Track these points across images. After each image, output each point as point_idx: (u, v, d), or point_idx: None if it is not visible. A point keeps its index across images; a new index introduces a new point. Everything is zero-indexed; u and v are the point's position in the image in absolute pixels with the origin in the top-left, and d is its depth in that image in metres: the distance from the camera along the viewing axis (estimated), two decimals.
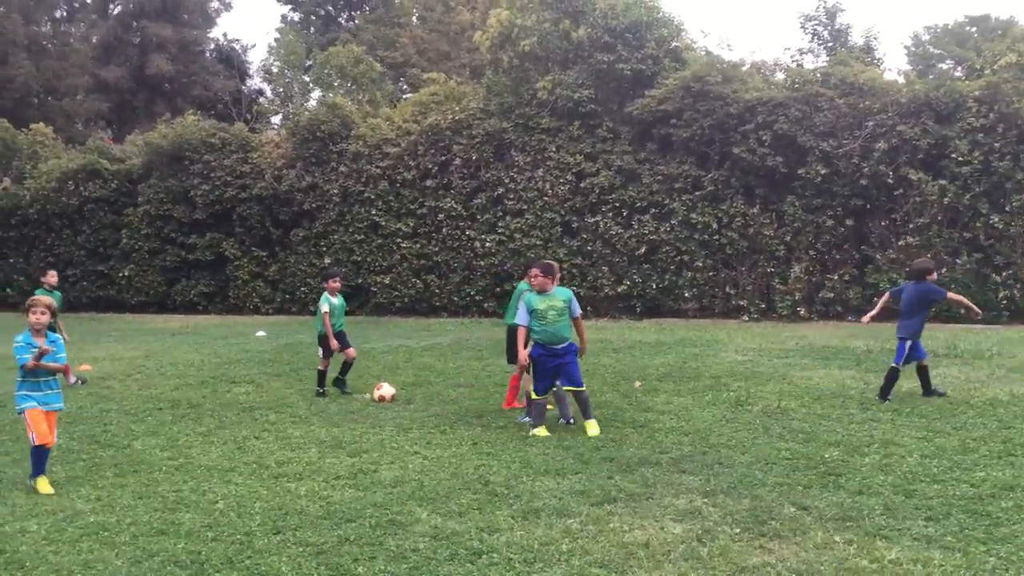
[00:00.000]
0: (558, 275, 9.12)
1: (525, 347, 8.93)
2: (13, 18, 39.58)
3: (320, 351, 11.48)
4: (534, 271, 9.07)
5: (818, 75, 21.35)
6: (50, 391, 7.22)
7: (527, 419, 8.94)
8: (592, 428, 8.57)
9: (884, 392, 9.94)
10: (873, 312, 10.66)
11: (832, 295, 20.14)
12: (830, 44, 28.47)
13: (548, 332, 8.66)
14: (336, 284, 11.60)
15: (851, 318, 19.30)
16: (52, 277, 13.30)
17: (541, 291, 8.79)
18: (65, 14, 48.43)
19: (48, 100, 41.30)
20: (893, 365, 10.03)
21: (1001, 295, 18.95)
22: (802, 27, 29.24)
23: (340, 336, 11.43)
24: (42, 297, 7.47)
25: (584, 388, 8.79)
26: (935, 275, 10.54)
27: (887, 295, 10.72)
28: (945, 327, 16.89)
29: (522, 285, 9.68)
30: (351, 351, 11.54)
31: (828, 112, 20.26)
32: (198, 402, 10.85)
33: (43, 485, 6.99)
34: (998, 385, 10.76)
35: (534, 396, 8.79)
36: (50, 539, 5.84)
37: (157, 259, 26.29)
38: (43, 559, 5.42)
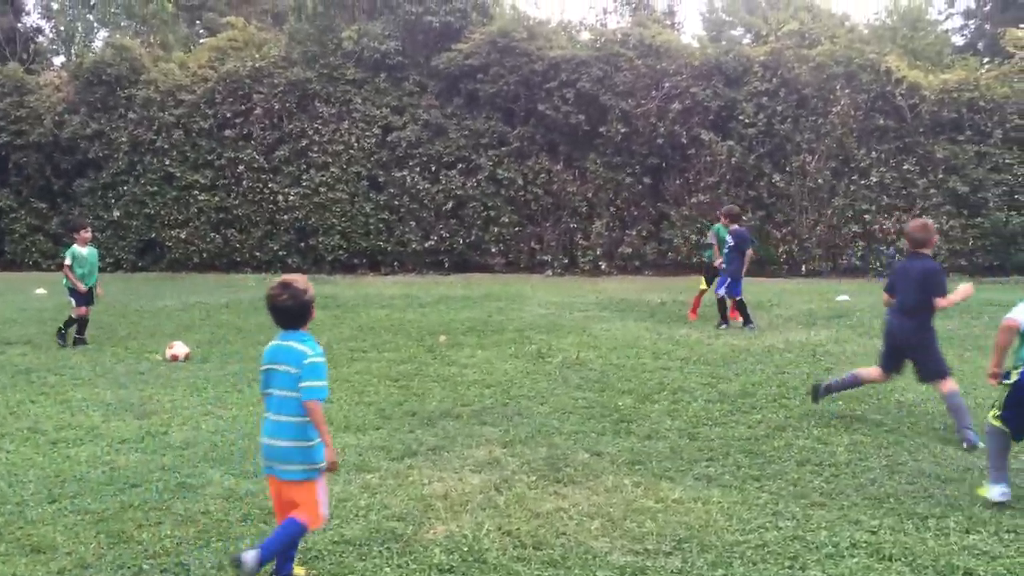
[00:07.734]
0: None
1: None
2: None
3: (72, 300, 11.57)
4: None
5: (619, 35, 21.94)
6: None
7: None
8: None
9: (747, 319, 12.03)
10: None
11: (630, 250, 20.96)
12: (634, 6, 29.30)
13: None
14: (87, 235, 11.58)
15: (647, 272, 20.17)
16: None
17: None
18: None
19: None
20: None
21: (781, 250, 20.35)
22: None
23: (88, 292, 11.55)
24: None
25: None
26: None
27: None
28: None
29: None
30: (86, 309, 11.59)
31: (628, 72, 20.88)
32: None
33: None
34: (777, 333, 11.57)
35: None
36: None
37: None
38: None
